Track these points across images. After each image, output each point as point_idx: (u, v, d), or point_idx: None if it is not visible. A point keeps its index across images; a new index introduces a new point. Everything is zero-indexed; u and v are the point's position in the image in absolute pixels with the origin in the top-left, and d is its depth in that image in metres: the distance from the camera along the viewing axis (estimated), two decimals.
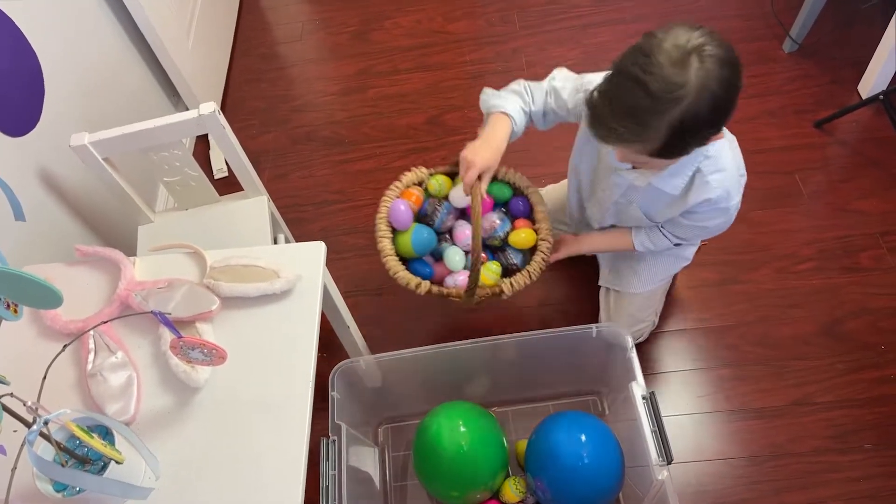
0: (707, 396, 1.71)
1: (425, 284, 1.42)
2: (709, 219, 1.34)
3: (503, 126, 1.34)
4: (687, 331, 1.81)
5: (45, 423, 0.78)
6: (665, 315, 1.83)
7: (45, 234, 1.52)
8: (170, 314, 1.02)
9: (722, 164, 1.24)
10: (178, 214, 1.69)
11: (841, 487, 1.55)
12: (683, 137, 1.05)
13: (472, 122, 2.28)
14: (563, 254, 1.56)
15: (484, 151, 1.31)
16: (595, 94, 1.09)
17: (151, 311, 0.93)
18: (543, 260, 1.45)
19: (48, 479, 0.98)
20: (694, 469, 1.62)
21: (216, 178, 2.24)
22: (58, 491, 0.98)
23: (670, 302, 1.86)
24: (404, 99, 2.37)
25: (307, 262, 1.27)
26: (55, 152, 1.57)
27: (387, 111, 2.36)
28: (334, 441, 1.38)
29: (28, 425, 0.87)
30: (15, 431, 0.99)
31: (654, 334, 1.80)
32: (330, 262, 1.41)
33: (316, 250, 1.29)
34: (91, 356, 1.18)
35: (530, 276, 1.43)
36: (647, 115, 1.02)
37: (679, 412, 1.70)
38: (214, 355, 1.05)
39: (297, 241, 1.36)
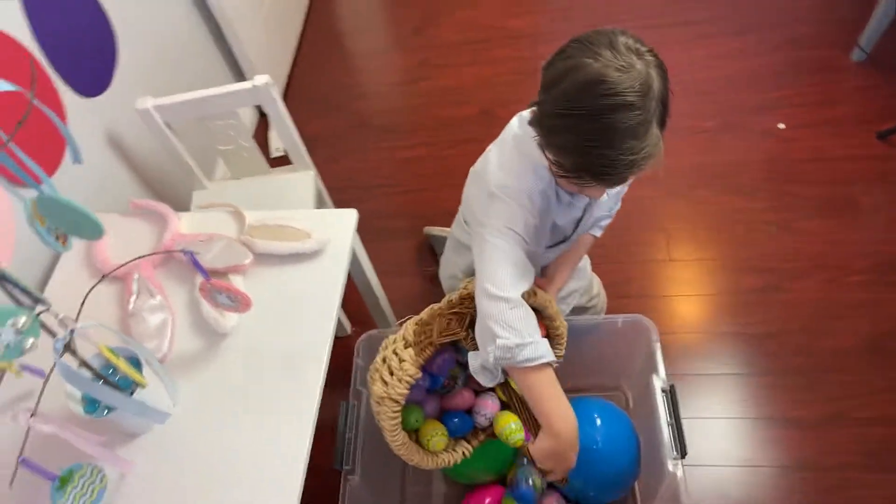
0: (738, 402, 1.67)
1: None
2: None
3: (552, 382, 1.07)
4: (724, 334, 1.77)
5: (72, 332, 0.86)
6: (703, 318, 1.80)
7: (107, 190, 1.63)
8: (198, 253, 1.08)
9: None
10: (230, 183, 1.79)
11: None
12: (665, 123, 0.97)
13: None
14: (554, 297, 1.34)
15: (571, 450, 1.09)
16: (584, 159, 0.95)
17: (182, 251, 0.99)
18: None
19: (79, 401, 1.07)
20: (717, 473, 1.58)
21: (273, 156, 2.35)
22: (87, 413, 1.06)
23: (708, 304, 1.83)
24: (458, 91, 2.43)
25: (339, 227, 1.33)
26: (123, 116, 1.68)
27: (440, 102, 2.41)
28: (354, 406, 1.43)
29: (75, 355, 0.95)
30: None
31: (689, 335, 1.78)
32: (371, 243, 1.45)
33: (348, 216, 1.35)
34: (133, 298, 1.26)
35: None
36: (645, 126, 0.93)
37: (707, 415, 1.66)
38: (240, 301, 1.12)
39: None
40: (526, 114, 1.19)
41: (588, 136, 0.92)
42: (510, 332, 1.02)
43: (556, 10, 2.59)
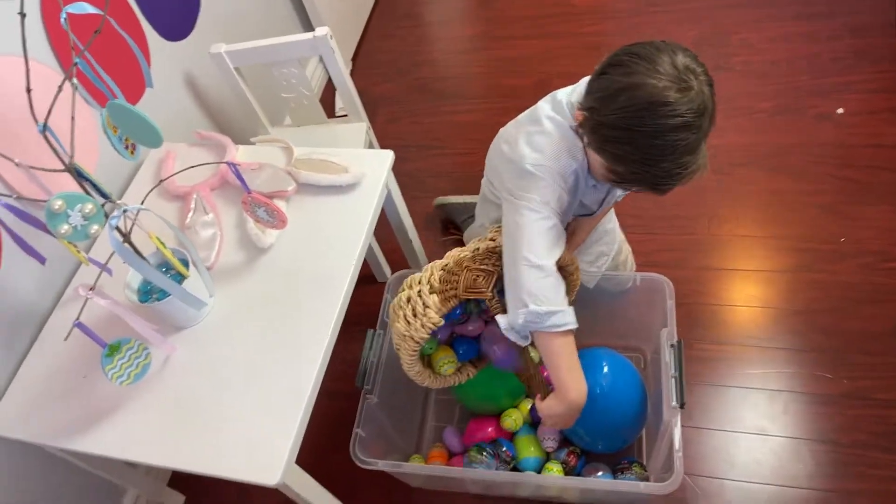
0: (757, 375, 1.68)
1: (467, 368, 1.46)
2: None
3: (572, 350, 1.20)
4: (751, 308, 1.79)
5: (124, 211, 1.01)
6: (731, 291, 1.82)
7: (179, 125, 1.80)
8: (239, 165, 1.22)
9: None
10: (290, 129, 1.94)
11: (876, 484, 1.48)
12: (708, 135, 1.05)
13: None
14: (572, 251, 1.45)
15: (576, 414, 1.24)
16: (642, 171, 1.04)
17: (226, 163, 1.13)
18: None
19: (135, 291, 1.23)
20: (725, 437, 1.61)
21: (337, 115, 2.49)
22: (141, 302, 1.22)
23: (739, 279, 1.84)
24: (517, 62, 2.50)
25: (375, 166, 1.45)
26: (200, 60, 1.86)
27: (498, 72, 2.50)
28: (380, 334, 1.54)
29: (123, 234, 1.10)
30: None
31: (715, 306, 1.80)
32: (416, 199, 1.55)
33: (384, 157, 1.46)
34: (191, 214, 1.43)
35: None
36: (699, 142, 1.01)
37: (723, 383, 1.69)
38: (277, 217, 1.25)
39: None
40: (561, 96, 1.26)
41: (648, 152, 1.00)
42: (542, 300, 1.13)
43: None
